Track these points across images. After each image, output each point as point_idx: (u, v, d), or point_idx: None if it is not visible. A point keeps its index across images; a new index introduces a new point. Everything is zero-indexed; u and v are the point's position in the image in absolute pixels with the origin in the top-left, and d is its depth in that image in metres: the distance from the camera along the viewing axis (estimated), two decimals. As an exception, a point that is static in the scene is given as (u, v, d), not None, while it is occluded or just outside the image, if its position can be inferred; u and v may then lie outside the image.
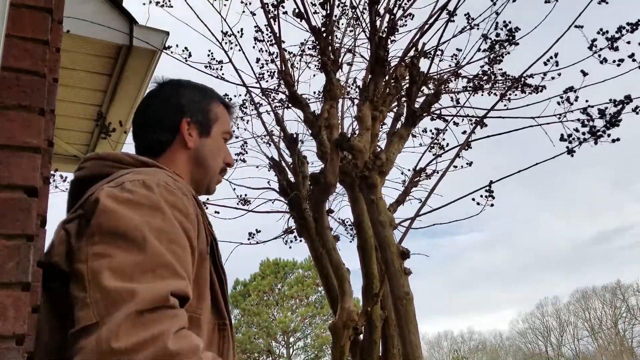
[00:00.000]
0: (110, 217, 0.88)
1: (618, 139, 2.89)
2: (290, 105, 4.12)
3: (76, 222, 0.96)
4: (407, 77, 3.32)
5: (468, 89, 4.45)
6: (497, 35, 3.89)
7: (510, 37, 3.87)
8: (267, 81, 4.89)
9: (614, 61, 3.18)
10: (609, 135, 2.88)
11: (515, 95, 4.48)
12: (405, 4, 3.91)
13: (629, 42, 3.11)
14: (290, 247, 4.79)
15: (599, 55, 3.22)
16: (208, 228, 1.06)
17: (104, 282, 0.80)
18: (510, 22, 3.80)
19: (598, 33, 3.21)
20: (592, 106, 3.21)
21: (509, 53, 4.18)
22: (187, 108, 1.21)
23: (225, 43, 4.30)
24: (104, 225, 0.87)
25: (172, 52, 4.24)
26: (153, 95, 1.25)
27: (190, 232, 0.94)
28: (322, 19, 3.58)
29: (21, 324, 0.86)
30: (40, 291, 0.96)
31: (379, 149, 3.09)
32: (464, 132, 4.34)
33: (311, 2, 3.76)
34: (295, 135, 3.93)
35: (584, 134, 2.96)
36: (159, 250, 0.85)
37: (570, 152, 3.18)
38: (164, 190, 0.94)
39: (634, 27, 3.10)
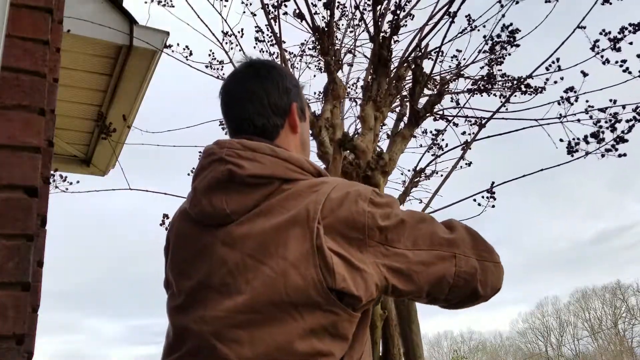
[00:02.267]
0: (400, 228, 1.00)
1: (625, 154, 2.88)
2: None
3: (336, 242, 0.95)
4: (410, 78, 3.32)
5: (474, 92, 4.44)
6: (499, 36, 3.88)
7: (512, 39, 3.86)
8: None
9: (617, 62, 3.17)
10: (616, 149, 2.87)
11: (516, 96, 4.48)
12: (407, 4, 3.92)
13: (631, 43, 3.10)
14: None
15: (602, 57, 3.21)
16: None
17: (449, 237, 1.04)
18: (511, 24, 3.79)
19: (600, 34, 3.20)
20: (593, 107, 3.21)
21: (509, 54, 4.17)
22: (293, 92, 1.19)
23: (226, 43, 4.30)
24: (404, 233, 1.01)
25: (172, 52, 4.24)
26: (262, 77, 1.17)
27: None
28: (323, 19, 3.57)
29: (21, 324, 0.86)
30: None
31: (381, 149, 3.09)
32: (464, 133, 4.34)
33: (312, 3, 3.76)
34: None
35: (586, 140, 2.94)
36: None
37: (571, 152, 3.18)
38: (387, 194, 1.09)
39: (637, 28, 3.09)
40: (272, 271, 0.93)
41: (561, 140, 3.17)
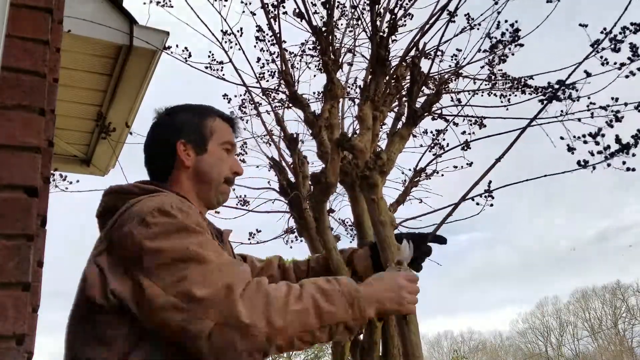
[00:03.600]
0: (160, 255, 0.99)
1: (634, 169, 2.79)
2: (290, 105, 4.11)
3: (106, 256, 1.05)
4: (408, 77, 3.32)
5: (475, 92, 4.44)
6: (502, 34, 3.87)
7: (515, 38, 3.84)
8: (267, 81, 4.88)
9: (615, 63, 3.16)
10: (624, 163, 2.80)
11: (516, 96, 4.47)
12: (407, 4, 3.92)
13: (631, 44, 3.08)
14: (291, 247, 4.78)
15: (601, 57, 3.20)
16: (215, 237, 1.22)
17: (197, 295, 0.96)
18: (516, 21, 3.78)
19: (601, 33, 3.19)
20: (594, 104, 3.20)
21: (513, 54, 4.17)
22: (180, 130, 1.29)
23: (226, 42, 4.29)
24: (161, 261, 0.99)
25: (172, 52, 4.24)
26: (153, 125, 1.35)
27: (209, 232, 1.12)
28: (322, 19, 3.57)
29: (21, 324, 0.86)
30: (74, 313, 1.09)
31: (379, 149, 3.09)
32: (464, 133, 4.34)
33: (311, 2, 3.76)
34: (295, 135, 3.93)
35: (592, 153, 2.89)
36: (213, 256, 1.02)
37: (571, 150, 3.17)
38: (178, 211, 1.05)
39: (638, 28, 3.08)
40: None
41: (562, 138, 3.14)
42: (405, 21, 4.03)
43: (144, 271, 0.99)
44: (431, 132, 4.64)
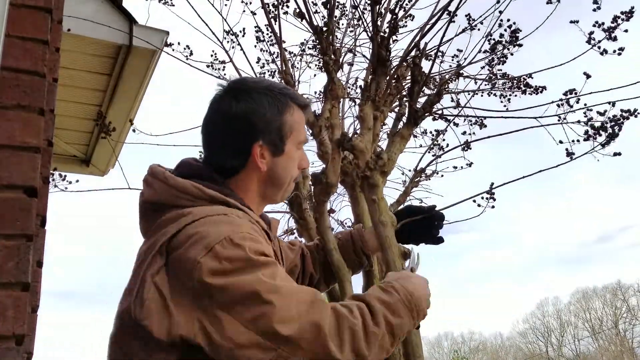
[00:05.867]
0: (234, 291, 0.92)
1: (620, 153, 2.88)
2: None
3: (165, 277, 0.96)
4: (409, 77, 3.32)
5: (475, 92, 4.44)
6: (501, 35, 3.87)
7: (514, 39, 3.85)
8: (267, 81, 4.88)
9: (614, 51, 3.17)
10: (604, 145, 2.87)
11: (517, 96, 4.47)
12: (407, 4, 3.92)
13: (626, 31, 3.10)
14: (290, 247, 4.78)
15: (599, 47, 3.21)
16: (281, 255, 1.20)
17: (282, 333, 0.91)
18: (514, 23, 3.78)
19: (594, 26, 3.19)
20: (592, 107, 3.20)
21: (512, 54, 4.17)
22: (259, 129, 1.13)
23: (227, 42, 4.29)
24: (237, 297, 0.92)
25: (172, 51, 4.24)
26: (223, 113, 1.15)
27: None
28: (323, 19, 3.57)
29: (21, 324, 0.86)
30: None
31: (380, 149, 3.08)
32: (464, 133, 4.34)
33: (312, 2, 3.76)
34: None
35: (588, 137, 2.94)
36: (285, 289, 0.96)
37: (570, 154, 3.17)
38: (251, 243, 0.97)
39: (629, 15, 3.10)
40: (123, 293, 1.02)
41: (560, 142, 3.17)
42: (406, 21, 4.03)
43: (220, 306, 0.91)
44: (431, 132, 4.64)
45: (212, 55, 4.42)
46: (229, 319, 0.91)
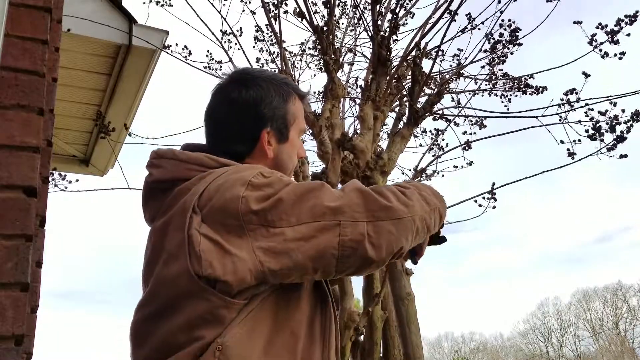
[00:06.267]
0: (281, 202, 0.96)
1: (626, 155, 2.87)
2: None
3: (208, 227, 0.95)
4: (409, 77, 3.32)
5: (475, 92, 4.44)
6: (501, 35, 3.87)
7: (513, 38, 3.85)
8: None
9: (615, 55, 3.17)
10: (612, 149, 2.86)
11: (517, 96, 4.47)
12: (407, 3, 3.91)
13: (628, 35, 3.10)
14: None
15: (600, 50, 3.21)
16: None
17: (332, 205, 0.96)
18: (514, 22, 3.78)
19: (597, 27, 3.20)
20: (593, 107, 3.21)
21: (512, 54, 4.17)
22: (267, 117, 1.16)
23: (225, 42, 4.29)
24: (284, 206, 0.96)
25: (171, 51, 4.23)
26: (233, 100, 1.16)
27: None
28: (323, 18, 3.57)
29: (20, 325, 0.85)
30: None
31: (380, 149, 3.08)
32: (465, 133, 4.34)
33: (312, 1, 3.75)
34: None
35: (592, 136, 2.93)
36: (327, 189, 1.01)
37: (571, 154, 3.17)
38: (278, 173, 1.03)
39: (633, 19, 3.10)
40: (161, 264, 0.98)
41: (562, 142, 3.17)
42: (406, 19, 4.03)
43: (276, 224, 0.94)
44: (431, 131, 4.64)
45: (207, 56, 4.42)
46: (287, 226, 0.94)
